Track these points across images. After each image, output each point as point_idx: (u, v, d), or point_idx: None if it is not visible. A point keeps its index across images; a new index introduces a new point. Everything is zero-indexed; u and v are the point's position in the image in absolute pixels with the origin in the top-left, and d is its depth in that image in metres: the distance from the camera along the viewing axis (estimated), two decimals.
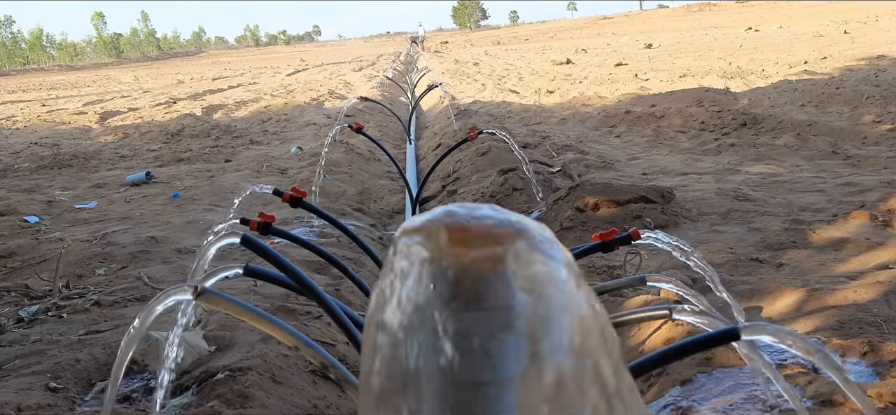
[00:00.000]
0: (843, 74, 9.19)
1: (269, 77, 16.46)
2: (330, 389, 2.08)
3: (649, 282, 1.59)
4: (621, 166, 4.92)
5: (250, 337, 2.22)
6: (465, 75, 15.36)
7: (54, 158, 6.63)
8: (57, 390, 2.07)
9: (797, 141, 5.23)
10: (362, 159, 5.90)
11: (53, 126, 9.69)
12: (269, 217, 1.84)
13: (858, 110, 6.53)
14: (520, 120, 7.73)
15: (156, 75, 17.27)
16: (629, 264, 2.68)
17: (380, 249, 3.58)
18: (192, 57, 24.94)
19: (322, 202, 4.01)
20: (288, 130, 8.25)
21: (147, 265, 3.16)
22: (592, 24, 60.32)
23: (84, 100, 12.30)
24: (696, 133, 6.09)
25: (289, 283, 1.46)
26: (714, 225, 3.27)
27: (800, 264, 2.65)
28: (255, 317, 1.19)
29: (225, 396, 1.96)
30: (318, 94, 12.38)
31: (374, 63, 20.19)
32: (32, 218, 4.21)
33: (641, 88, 9.70)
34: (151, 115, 10.04)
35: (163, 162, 6.39)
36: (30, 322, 2.56)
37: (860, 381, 1.77)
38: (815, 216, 3.24)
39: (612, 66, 14.13)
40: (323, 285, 2.67)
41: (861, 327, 2.05)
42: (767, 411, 1.67)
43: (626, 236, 1.56)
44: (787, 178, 4.15)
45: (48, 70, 20.06)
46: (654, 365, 1.11)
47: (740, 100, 7.83)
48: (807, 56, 12.20)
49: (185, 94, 12.75)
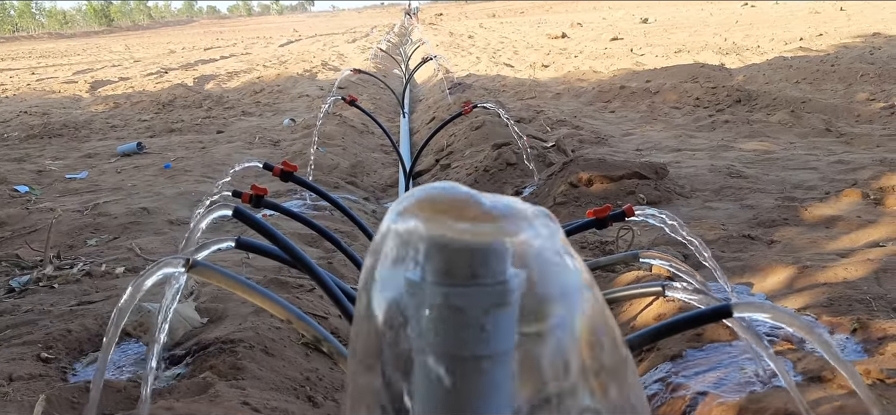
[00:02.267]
0: (838, 52, 9.18)
1: (262, 47, 16.27)
2: (322, 361, 2.08)
3: (642, 258, 1.60)
4: (615, 142, 4.91)
5: (242, 309, 2.22)
6: (459, 48, 15.23)
7: (44, 128, 6.55)
8: (49, 360, 2.07)
9: (791, 118, 5.23)
10: (355, 132, 5.86)
11: (43, 95, 9.55)
12: (261, 190, 1.82)
13: (852, 88, 6.53)
14: (514, 94, 7.69)
15: (147, 44, 17.02)
16: (621, 240, 2.69)
17: (373, 223, 3.57)
18: (184, 26, 24.56)
19: (315, 175, 3.99)
20: (280, 102, 8.17)
21: (138, 236, 3.15)
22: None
23: (74, 68, 12.12)
24: (690, 109, 6.08)
25: (281, 256, 1.46)
26: (707, 202, 3.28)
27: (791, 242, 2.66)
28: (247, 290, 1.18)
29: (217, 367, 1.96)
30: (312, 65, 12.24)
31: (368, 35, 19.98)
32: (22, 187, 4.17)
33: (636, 64, 9.65)
34: (142, 84, 9.92)
35: (154, 132, 6.32)
36: (21, 292, 2.55)
37: (849, 358, 1.79)
38: (807, 194, 3.25)
39: (608, 41, 14.04)
40: (315, 258, 2.67)
41: (850, 304, 2.06)
42: (758, 386, 1.68)
43: (619, 213, 1.55)
44: (781, 155, 4.16)
45: (38, 38, 19.72)
46: (646, 342, 1.11)
47: (735, 76, 7.81)
48: (802, 33, 12.16)
49: (177, 63, 12.58)
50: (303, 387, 1.98)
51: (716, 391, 1.69)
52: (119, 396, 1.91)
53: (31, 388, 1.91)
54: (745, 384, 1.71)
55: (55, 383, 1.95)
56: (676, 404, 1.71)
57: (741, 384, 1.71)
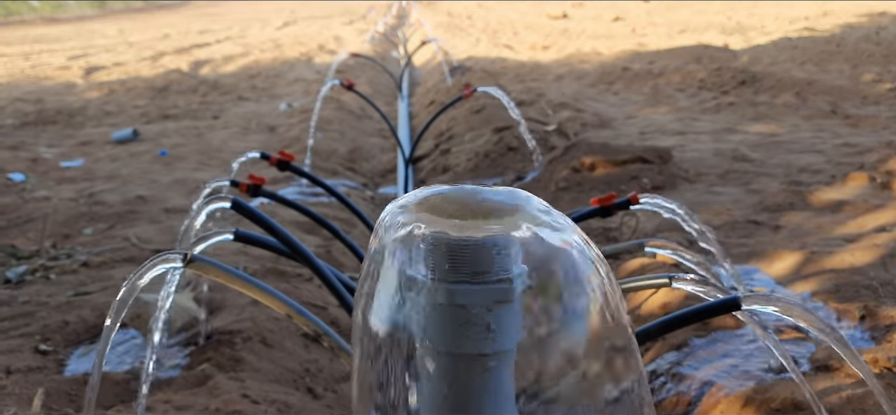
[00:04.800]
0: (843, 31, 9.08)
1: (258, 30, 16.11)
2: (321, 352, 2.06)
3: (648, 247, 1.56)
4: (618, 125, 4.87)
5: (241, 299, 2.19)
6: (458, 29, 15.09)
7: (38, 115, 6.48)
8: (46, 352, 2.05)
9: (797, 100, 5.18)
10: (353, 117, 5.81)
11: (37, 81, 9.46)
12: (259, 179, 1.79)
13: (858, 69, 6.47)
14: (515, 76, 7.62)
15: (141, 28, 16.84)
16: (626, 226, 2.66)
17: (371, 209, 3.54)
18: (179, 8, 24.23)
19: (313, 161, 3.94)
20: (277, 86, 8.09)
21: (135, 225, 3.11)
22: None
23: (68, 54, 11.99)
24: (694, 91, 6.02)
25: (280, 248, 1.42)
26: (711, 186, 3.24)
27: (797, 227, 2.63)
28: (246, 285, 1.15)
29: (216, 359, 1.94)
30: (308, 48, 12.14)
31: (365, 16, 19.79)
32: (17, 176, 4.12)
33: (639, 45, 9.56)
34: (137, 69, 9.82)
35: (149, 119, 6.26)
36: (17, 283, 2.52)
37: (856, 346, 1.76)
38: (813, 177, 3.21)
39: (610, 21, 13.90)
40: (314, 246, 2.64)
41: (857, 290, 2.04)
42: (764, 375, 1.66)
43: (625, 201, 1.52)
44: (786, 138, 4.12)
45: (30, 22, 19.47)
46: (653, 335, 1.08)
47: (740, 57, 7.73)
48: (808, 11, 12.02)
49: (172, 48, 12.46)
50: (302, 378, 1.96)
51: (722, 381, 1.67)
52: (118, 388, 1.89)
53: (29, 380, 1.89)
54: (752, 374, 1.69)
55: (53, 376, 1.92)
56: (682, 395, 1.69)
57: (748, 374, 1.69)
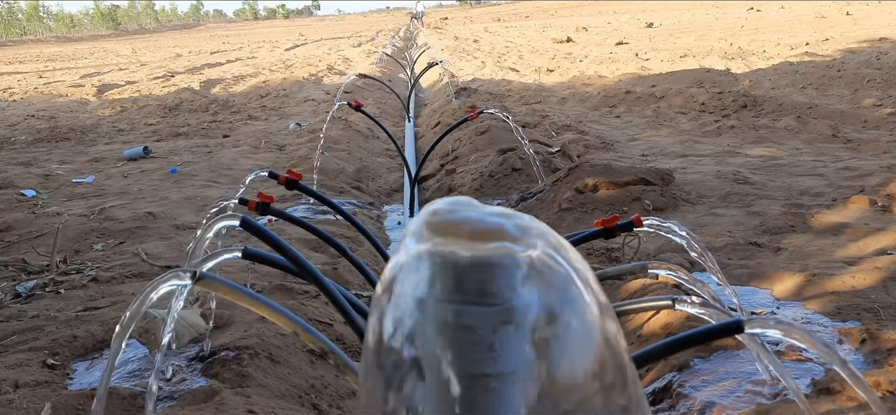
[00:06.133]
0: (844, 56, 9.13)
1: (268, 51, 16.31)
2: (327, 368, 2.08)
3: (650, 269, 1.58)
4: (621, 147, 4.90)
5: (248, 316, 2.22)
6: (464, 52, 15.24)
7: (51, 132, 6.58)
8: (54, 366, 2.07)
9: (797, 124, 5.21)
10: (361, 137, 5.87)
11: (50, 99, 9.60)
12: (267, 197, 1.82)
13: (859, 93, 6.50)
14: (519, 99, 7.68)
15: (154, 48, 17.09)
16: (628, 247, 2.68)
17: (377, 228, 3.57)
18: (191, 30, 24.67)
19: (320, 180, 3.99)
20: (286, 106, 8.19)
21: (144, 241, 3.15)
22: (593, 2, 59.76)
23: (81, 72, 12.17)
24: (696, 114, 6.06)
25: (288, 266, 1.45)
26: (713, 208, 3.26)
27: (798, 249, 2.65)
28: (254, 302, 1.18)
29: (223, 375, 1.96)
30: (317, 69, 12.27)
31: (374, 39, 20.00)
32: (29, 191, 4.18)
33: (642, 68, 9.63)
34: (149, 88, 9.96)
35: (160, 137, 6.35)
36: (27, 298, 2.56)
37: (858, 369, 1.77)
38: (814, 200, 3.23)
39: (613, 45, 14.02)
40: (321, 264, 2.67)
41: (859, 313, 2.05)
42: (765, 397, 1.67)
43: (628, 223, 1.54)
44: (787, 161, 4.14)
45: (45, 41, 19.82)
46: (655, 358, 1.10)
47: (741, 81, 7.78)
48: (808, 37, 12.11)
49: (183, 67, 12.63)
50: (308, 395, 1.98)
51: (723, 403, 1.68)
52: (125, 403, 1.91)
53: (37, 395, 1.91)
54: (754, 395, 1.70)
55: (60, 390, 1.95)
56: None
57: (749, 395, 1.70)
